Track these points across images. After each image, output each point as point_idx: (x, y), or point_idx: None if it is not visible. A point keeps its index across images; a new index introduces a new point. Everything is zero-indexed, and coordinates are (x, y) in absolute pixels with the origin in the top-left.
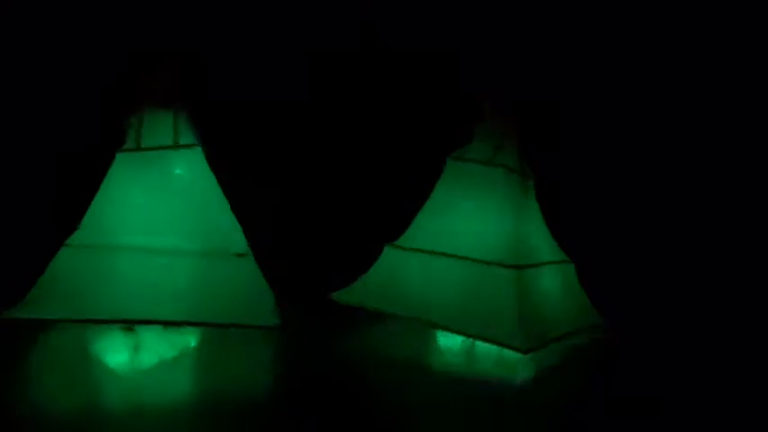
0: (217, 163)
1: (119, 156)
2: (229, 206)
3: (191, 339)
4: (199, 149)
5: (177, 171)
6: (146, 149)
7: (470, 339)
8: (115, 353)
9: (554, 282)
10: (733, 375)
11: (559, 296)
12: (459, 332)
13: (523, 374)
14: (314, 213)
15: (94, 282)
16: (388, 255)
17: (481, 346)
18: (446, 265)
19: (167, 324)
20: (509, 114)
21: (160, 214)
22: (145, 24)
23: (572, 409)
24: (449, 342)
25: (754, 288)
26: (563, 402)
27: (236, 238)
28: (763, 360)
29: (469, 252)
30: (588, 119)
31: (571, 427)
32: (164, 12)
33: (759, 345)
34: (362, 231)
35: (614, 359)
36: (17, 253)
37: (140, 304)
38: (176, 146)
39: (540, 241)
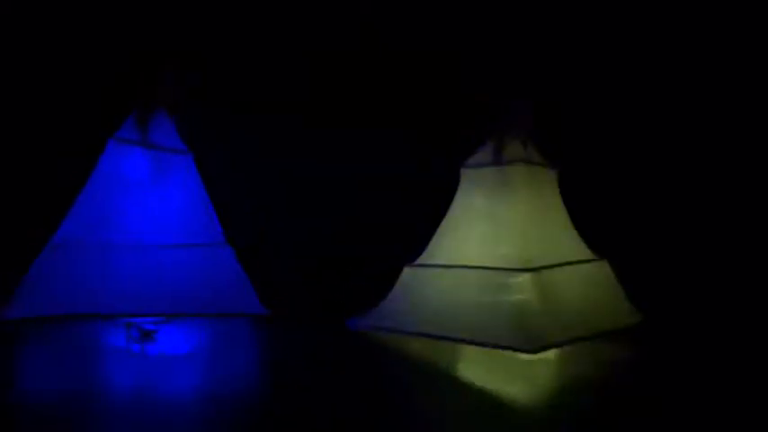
0: (218, 163)
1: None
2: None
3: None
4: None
5: (155, 170)
6: (148, 145)
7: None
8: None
9: (575, 282)
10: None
11: (582, 297)
12: (471, 342)
13: (542, 381)
14: (314, 214)
15: (84, 277)
16: (408, 275)
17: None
18: (460, 277)
19: (159, 316)
20: (522, 112)
21: (140, 212)
22: (145, 24)
23: (593, 414)
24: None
25: None
26: (584, 408)
27: (213, 229)
28: None
29: (481, 260)
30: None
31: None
32: (164, 12)
33: None
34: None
35: (642, 364)
36: (15, 252)
37: (132, 299)
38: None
39: (562, 240)
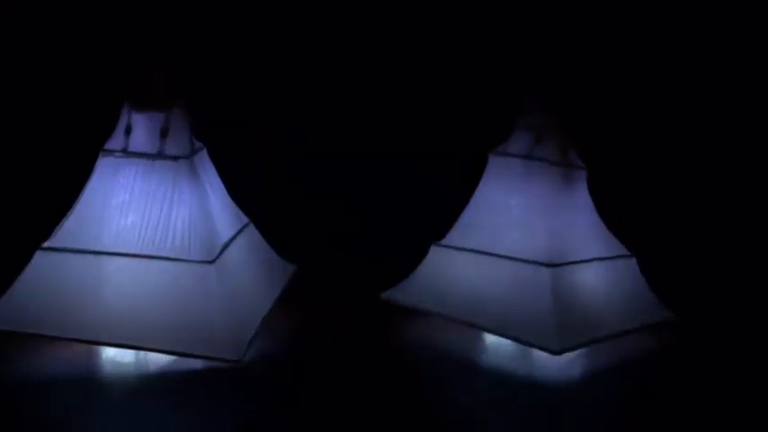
0: (218, 164)
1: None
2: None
3: None
4: (184, 162)
5: (159, 180)
6: (131, 155)
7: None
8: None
9: (601, 279)
10: None
11: (608, 294)
12: (496, 333)
13: (568, 374)
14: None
15: (70, 292)
16: (435, 254)
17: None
18: (489, 265)
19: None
20: (549, 107)
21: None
22: (144, 24)
23: (616, 411)
24: (494, 340)
25: None
26: (607, 404)
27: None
28: None
29: (509, 251)
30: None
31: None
32: (163, 12)
33: None
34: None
35: (672, 360)
36: (11, 255)
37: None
38: (160, 155)
39: (588, 236)
